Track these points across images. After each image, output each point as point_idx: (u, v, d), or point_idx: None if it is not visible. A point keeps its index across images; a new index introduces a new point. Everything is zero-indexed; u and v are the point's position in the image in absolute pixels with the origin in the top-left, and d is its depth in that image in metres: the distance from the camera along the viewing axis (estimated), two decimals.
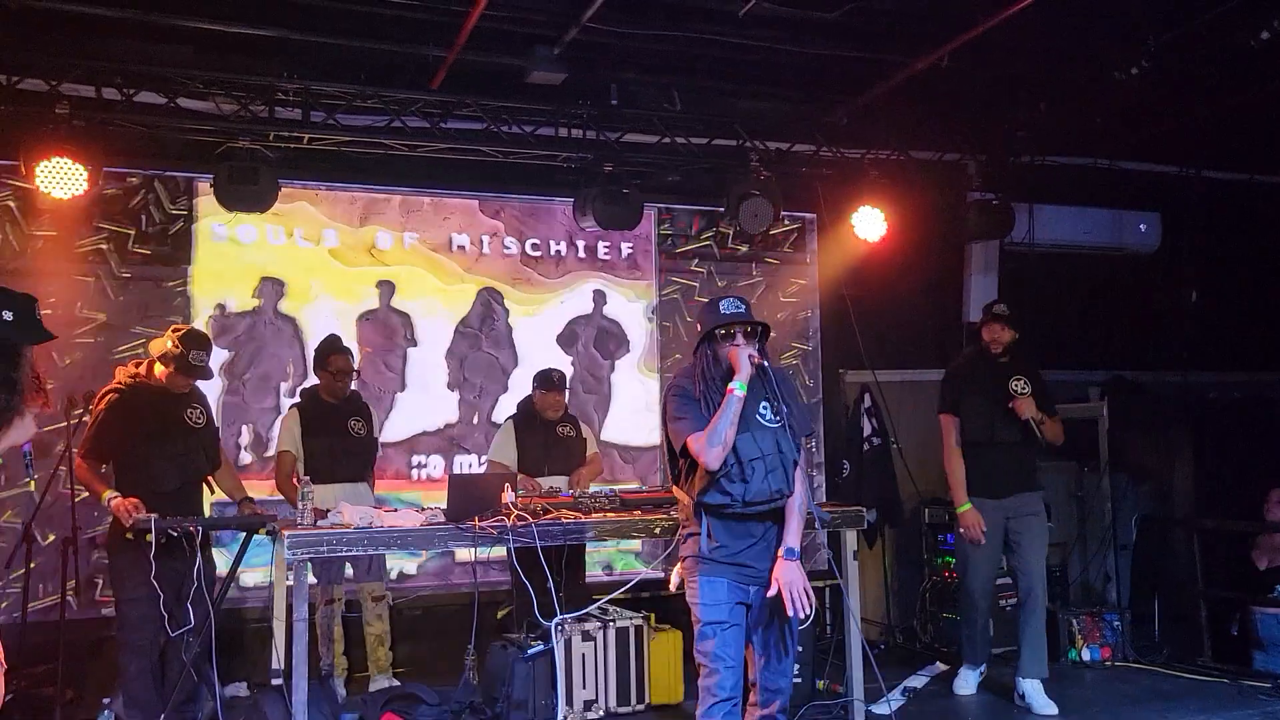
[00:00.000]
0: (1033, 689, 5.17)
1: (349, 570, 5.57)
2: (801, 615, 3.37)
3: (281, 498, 5.49)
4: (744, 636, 3.49)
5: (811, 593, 3.39)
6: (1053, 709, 5.06)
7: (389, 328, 6.65)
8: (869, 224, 6.90)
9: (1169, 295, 7.35)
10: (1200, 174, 7.39)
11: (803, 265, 7.65)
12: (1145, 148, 7.30)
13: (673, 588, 3.70)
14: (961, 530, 5.37)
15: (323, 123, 6.03)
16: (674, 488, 3.70)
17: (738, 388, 3.40)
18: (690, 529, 3.55)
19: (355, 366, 5.67)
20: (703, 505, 3.47)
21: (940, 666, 6.06)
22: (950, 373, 5.63)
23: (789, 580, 3.38)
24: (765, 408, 3.46)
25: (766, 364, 3.48)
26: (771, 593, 3.40)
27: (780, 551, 3.44)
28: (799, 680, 5.15)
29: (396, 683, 5.47)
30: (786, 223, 7.45)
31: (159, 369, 4.69)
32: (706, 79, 6.54)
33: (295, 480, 5.05)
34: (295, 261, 6.46)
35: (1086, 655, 6.23)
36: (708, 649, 3.45)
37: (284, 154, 6.07)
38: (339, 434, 5.50)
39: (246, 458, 6.23)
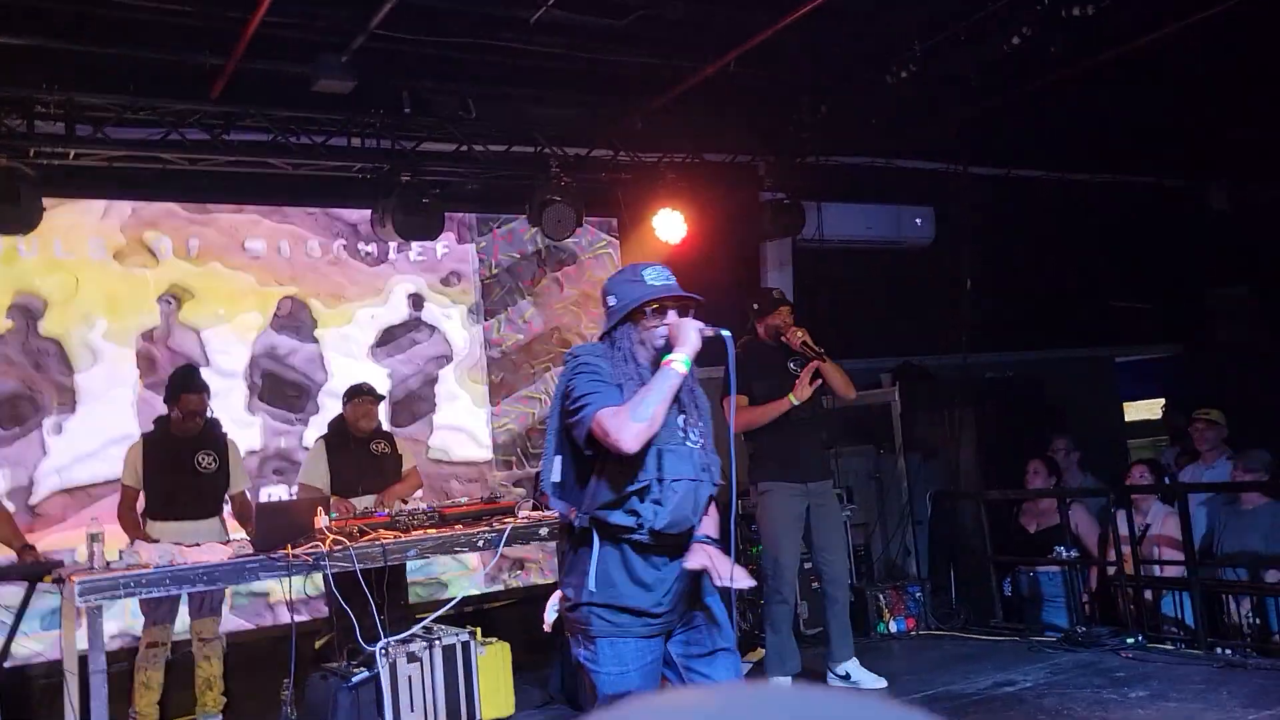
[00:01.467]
0: (854, 668, 5.32)
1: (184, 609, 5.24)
2: (737, 583, 2.76)
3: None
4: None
5: (731, 566, 2.77)
6: (882, 682, 5.26)
7: (173, 350, 6.22)
8: (669, 226, 7.06)
9: (946, 284, 7.86)
10: (966, 170, 7.95)
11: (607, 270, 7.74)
12: (917, 146, 7.81)
13: (547, 626, 3.16)
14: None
15: (90, 136, 5.62)
16: (551, 502, 3.03)
17: (679, 360, 2.71)
18: (578, 564, 2.79)
19: (208, 403, 5.35)
20: (598, 527, 2.73)
21: (762, 652, 6.26)
22: (736, 360, 5.65)
23: (704, 556, 2.77)
24: (685, 423, 2.83)
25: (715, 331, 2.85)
26: (689, 564, 2.78)
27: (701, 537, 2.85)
28: None
29: None
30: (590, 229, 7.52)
31: None
32: (501, 86, 6.51)
33: (135, 515, 4.80)
34: (56, 274, 5.93)
35: (893, 627, 6.59)
36: None
37: (47, 170, 5.61)
38: (185, 470, 5.17)
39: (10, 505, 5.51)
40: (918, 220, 8.29)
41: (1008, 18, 5.86)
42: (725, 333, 2.84)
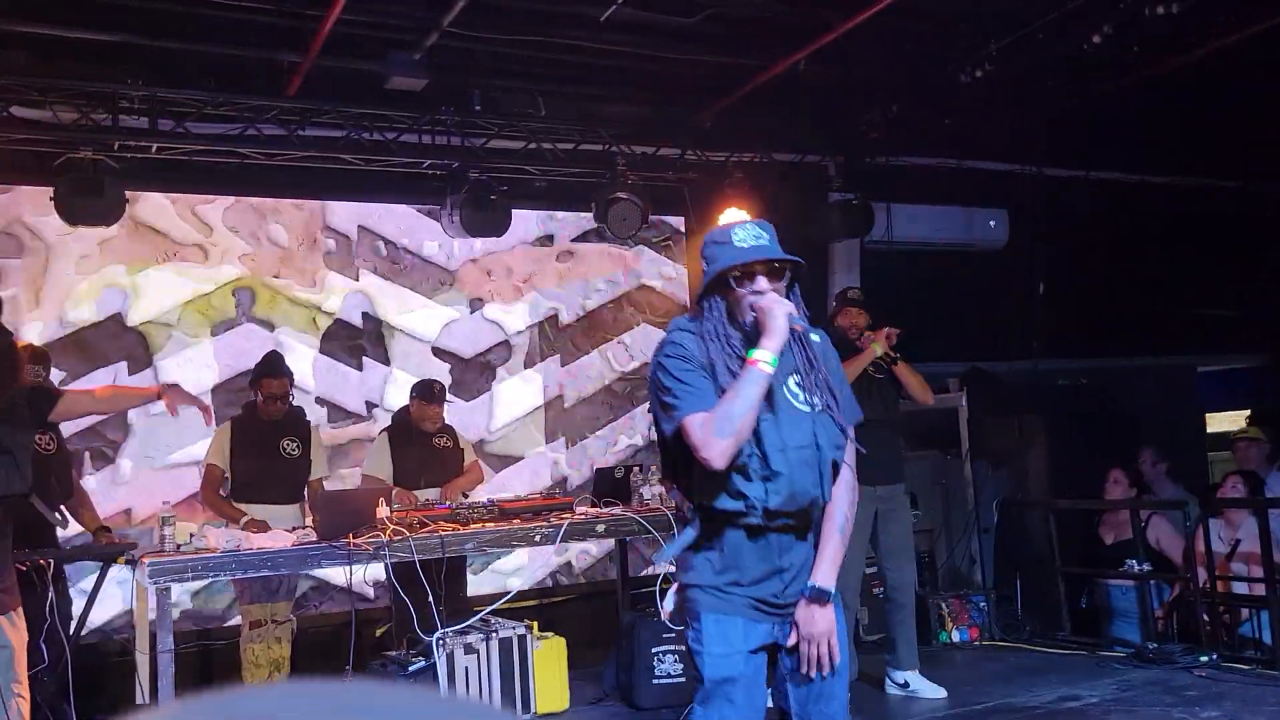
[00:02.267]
0: (915, 677, 5.26)
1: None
2: (822, 674, 2.50)
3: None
4: (763, 694, 2.57)
5: (838, 646, 2.51)
6: (942, 692, 5.17)
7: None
8: None
9: (1018, 288, 7.70)
10: (1042, 171, 7.78)
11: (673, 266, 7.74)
12: (991, 147, 7.65)
13: (664, 617, 2.84)
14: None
15: (171, 131, 5.78)
16: (666, 484, 2.89)
17: (766, 360, 2.38)
18: (682, 545, 2.58)
19: (291, 389, 5.42)
20: (709, 513, 2.52)
21: None
22: None
23: (809, 632, 2.48)
24: (797, 385, 2.52)
25: (805, 326, 2.48)
26: (790, 641, 2.51)
27: (807, 588, 2.52)
28: (683, 679, 5.19)
29: None
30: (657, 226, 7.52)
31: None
32: (570, 84, 6.55)
33: (220, 495, 4.99)
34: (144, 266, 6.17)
35: (956, 637, 6.47)
36: (710, 715, 2.49)
37: (129, 164, 5.79)
38: (269, 454, 5.26)
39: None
40: (991, 222, 8.12)
41: (1088, 16, 5.72)
42: (815, 336, 2.53)
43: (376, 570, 5.25)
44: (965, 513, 7.16)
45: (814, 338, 2.55)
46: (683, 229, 7.74)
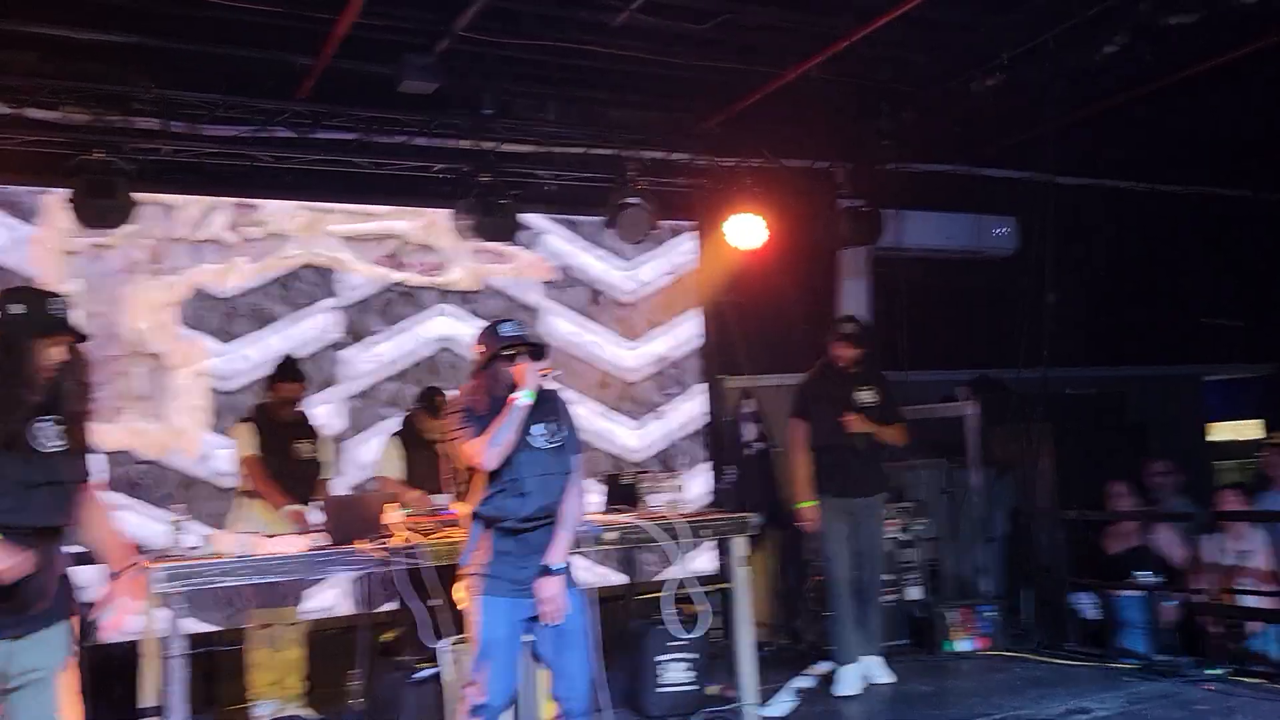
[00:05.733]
0: (847, 669, 5.57)
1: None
2: (555, 623, 3.55)
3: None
4: (518, 656, 3.64)
5: (565, 605, 3.56)
6: (857, 688, 5.51)
7: None
8: (745, 231, 7.02)
9: (1027, 296, 7.67)
10: (1053, 180, 7.75)
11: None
12: (1001, 155, 7.64)
13: (456, 600, 3.79)
14: (799, 525, 5.81)
15: (184, 133, 5.78)
16: (457, 505, 3.88)
17: (523, 396, 3.57)
18: (471, 544, 3.66)
19: (303, 394, 5.54)
20: (482, 518, 3.62)
21: (826, 665, 6.18)
22: (802, 382, 5.97)
23: (544, 595, 3.54)
24: (542, 429, 3.66)
25: (544, 386, 3.67)
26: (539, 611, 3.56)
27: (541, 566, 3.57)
28: (690, 687, 5.21)
29: (296, 713, 5.28)
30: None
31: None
32: (582, 89, 6.55)
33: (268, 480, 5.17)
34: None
35: (961, 646, 6.46)
36: (483, 669, 3.54)
37: (141, 166, 5.77)
38: (282, 455, 5.32)
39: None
40: (1001, 230, 8.10)
41: (1101, 26, 5.70)
42: (525, 400, 3.56)
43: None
44: (971, 521, 7.15)
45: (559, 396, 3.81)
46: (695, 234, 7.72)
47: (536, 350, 3.70)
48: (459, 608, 3.84)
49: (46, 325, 2.85)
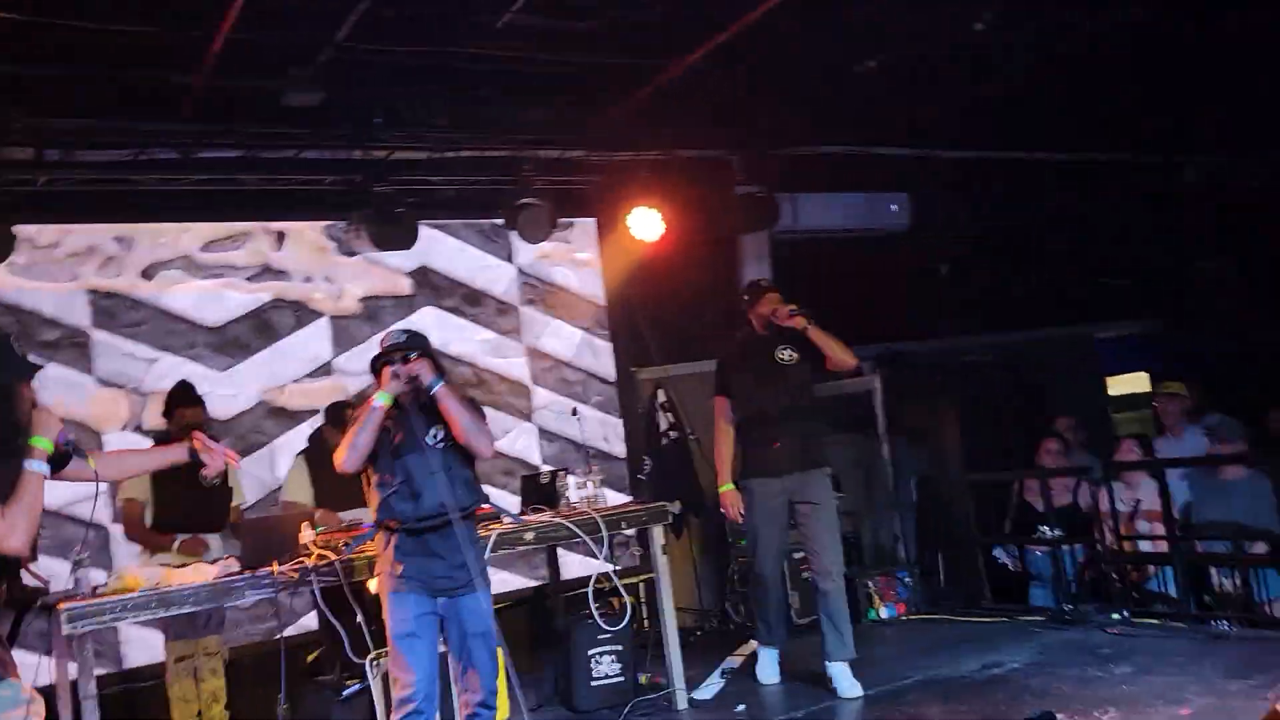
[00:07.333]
0: (838, 671, 5.06)
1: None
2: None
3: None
4: (434, 647, 3.82)
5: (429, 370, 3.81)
6: (857, 690, 4.97)
7: None
8: (646, 224, 7.08)
9: (924, 270, 7.90)
10: (940, 155, 7.98)
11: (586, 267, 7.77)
12: (890, 134, 7.82)
13: (372, 589, 4.02)
14: (721, 510, 5.40)
15: (59, 161, 5.61)
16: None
17: (378, 398, 3.76)
18: (379, 546, 3.87)
19: (204, 418, 5.35)
20: (383, 525, 3.81)
21: (753, 643, 6.29)
22: (720, 358, 5.61)
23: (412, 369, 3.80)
24: (434, 430, 3.81)
25: (426, 383, 3.79)
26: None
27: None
28: (621, 679, 5.25)
29: None
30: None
31: None
32: (472, 92, 6.51)
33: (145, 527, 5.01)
34: None
35: (884, 613, 6.64)
36: (398, 663, 3.73)
37: (15, 198, 5.58)
38: (188, 483, 5.04)
39: None
40: (893, 207, 8.29)
41: (970, 6, 5.89)
42: (380, 401, 3.78)
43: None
44: (886, 492, 7.34)
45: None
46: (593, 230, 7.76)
47: (418, 353, 3.85)
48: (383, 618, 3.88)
49: (25, 369, 2.91)
